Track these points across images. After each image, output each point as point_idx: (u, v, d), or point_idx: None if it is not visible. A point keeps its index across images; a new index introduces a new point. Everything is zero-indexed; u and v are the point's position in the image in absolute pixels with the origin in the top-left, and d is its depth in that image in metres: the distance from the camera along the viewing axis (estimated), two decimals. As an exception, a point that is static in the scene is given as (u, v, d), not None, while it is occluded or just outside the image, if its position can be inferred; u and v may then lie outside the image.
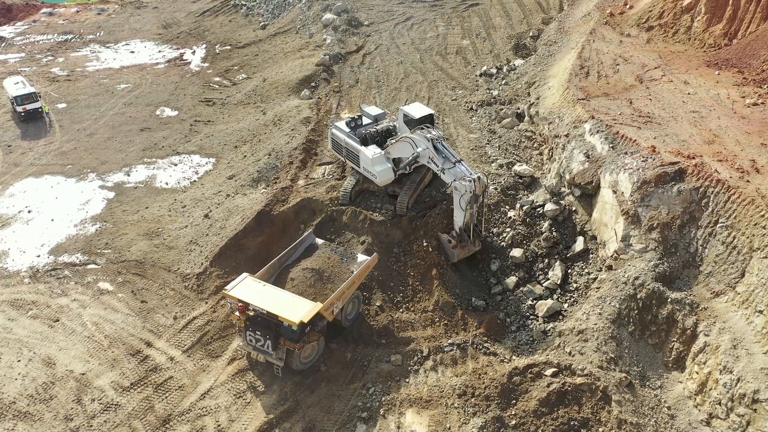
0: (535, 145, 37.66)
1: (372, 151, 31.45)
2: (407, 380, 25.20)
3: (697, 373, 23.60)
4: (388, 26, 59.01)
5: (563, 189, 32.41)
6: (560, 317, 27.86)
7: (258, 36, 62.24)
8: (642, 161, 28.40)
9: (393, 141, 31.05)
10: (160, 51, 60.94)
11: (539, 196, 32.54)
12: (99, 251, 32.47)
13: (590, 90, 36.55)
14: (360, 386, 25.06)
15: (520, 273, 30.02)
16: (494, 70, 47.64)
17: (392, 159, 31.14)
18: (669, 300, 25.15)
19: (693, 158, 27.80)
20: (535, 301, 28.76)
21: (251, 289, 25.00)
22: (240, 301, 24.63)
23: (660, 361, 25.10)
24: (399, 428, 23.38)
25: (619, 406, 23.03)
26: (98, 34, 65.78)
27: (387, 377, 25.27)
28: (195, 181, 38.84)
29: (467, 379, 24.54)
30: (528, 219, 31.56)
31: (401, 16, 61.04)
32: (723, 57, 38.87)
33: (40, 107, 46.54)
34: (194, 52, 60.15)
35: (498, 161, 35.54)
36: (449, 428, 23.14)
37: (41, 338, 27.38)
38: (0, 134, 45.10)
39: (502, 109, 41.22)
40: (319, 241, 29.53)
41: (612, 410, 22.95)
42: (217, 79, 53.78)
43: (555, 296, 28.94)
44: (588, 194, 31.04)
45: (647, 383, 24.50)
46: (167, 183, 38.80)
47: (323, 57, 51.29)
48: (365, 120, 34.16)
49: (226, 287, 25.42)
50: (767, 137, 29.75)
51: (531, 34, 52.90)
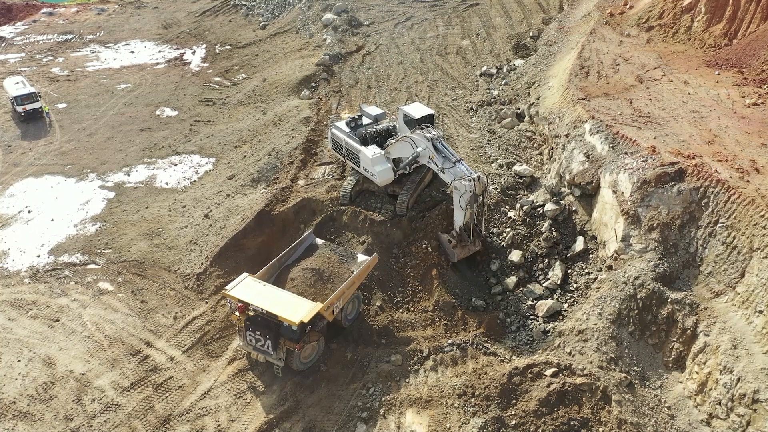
0: (535, 145, 37.66)
1: (372, 151, 31.45)
2: (407, 380, 25.20)
3: (697, 373, 23.60)
4: (388, 26, 59.01)
5: (563, 189, 32.41)
6: (560, 317, 27.87)
7: (258, 36, 62.24)
8: (642, 161, 28.40)
9: (393, 141, 31.06)
10: (160, 51, 60.94)
11: (539, 196, 32.55)
12: (99, 251, 32.48)
13: (590, 90, 36.55)
14: (360, 386, 25.05)
15: (520, 273, 30.03)
16: (494, 70, 47.64)
17: (392, 159, 31.14)
18: (669, 300, 25.16)
19: (693, 158, 27.81)
20: (535, 301, 28.77)
21: (251, 289, 25.00)
22: (240, 301, 24.63)
23: (660, 361, 25.10)
24: (399, 428, 23.38)
25: (619, 406, 23.03)
26: (98, 34, 65.78)
27: (387, 377, 25.27)
28: (195, 181, 38.84)
29: (467, 379, 24.54)
30: (528, 219, 31.57)
31: (401, 16, 61.03)
32: (723, 57, 38.87)
33: (40, 107, 46.53)
34: (194, 52, 60.15)
35: (498, 161, 35.55)
36: (449, 428, 23.14)
37: (41, 338, 27.38)
38: (0, 134, 45.11)
39: (502, 109, 41.22)
40: (319, 241, 29.53)
41: (612, 410, 22.95)
42: (217, 79, 53.77)
43: (555, 296, 28.94)
44: (588, 194, 31.05)
45: (647, 383, 24.50)
46: (167, 183, 38.80)
47: (323, 57, 51.28)
48: (365, 120, 34.16)
49: (226, 287, 25.42)
50: (767, 137, 29.77)
51: (531, 34, 52.90)
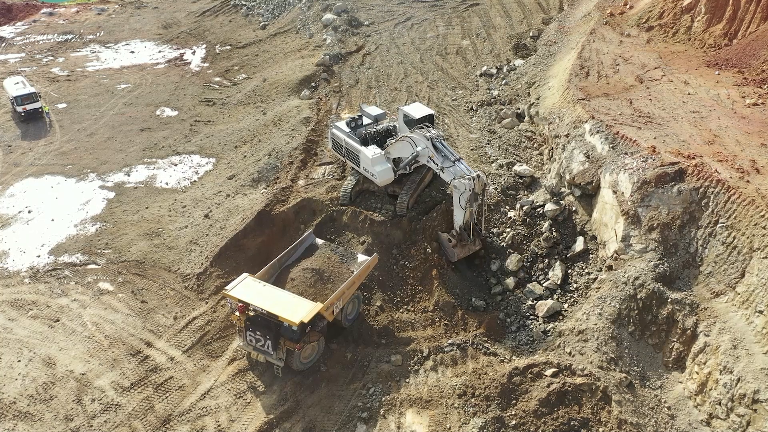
0: (535, 145, 37.66)
1: (372, 151, 31.45)
2: (407, 380, 25.20)
3: (697, 374, 23.60)
4: (388, 26, 59.00)
5: (563, 189, 32.41)
6: (560, 317, 27.88)
7: (258, 36, 62.23)
8: (642, 161, 28.40)
9: (393, 141, 31.08)
10: (160, 51, 60.94)
11: (539, 196, 32.55)
12: (99, 251, 32.48)
13: (590, 90, 36.55)
14: (360, 386, 25.06)
15: (520, 274, 29.99)
16: (494, 70, 47.64)
17: (392, 159, 31.15)
18: (669, 300, 25.16)
19: (693, 158, 27.81)
20: (535, 301, 28.78)
21: (251, 290, 25.00)
22: (240, 302, 24.64)
23: (660, 362, 25.11)
24: (399, 428, 23.38)
25: (619, 407, 23.03)
26: (98, 34, 65.78)
27: (387, 377, 25.27)
28: (195, 181, 38.84)
29: (467, 379, 24.54)
30: (528, 219, 31.57)
31: (401, 16, 61.02)
32: (723, 57, 38.87)
33: (40, 107, 46.53)
34: (194, 52, 60.15)
35: (498, 161, 35.55)
36: (449, 428, 23.15)
37: (41, 338, 27.38)
38: (0, 134, 45.10)
39: (502, 109, 41.22)
40: (320, 242, 29.53)
41: (612, 410, 22.96)
42: (217, 79, 53.77)
43: (555, 296, 28.94)
44: (588, 194, 31.05)
45: (647, 383, 24.50)
46: (167, 183, 38.81)
47: (323, 57, 51.28)
48: (365, 120, 34.16)
49: (227, 287, 25.42)
50: (767, 137, 29.77)
51: (531, 34, 52.88)
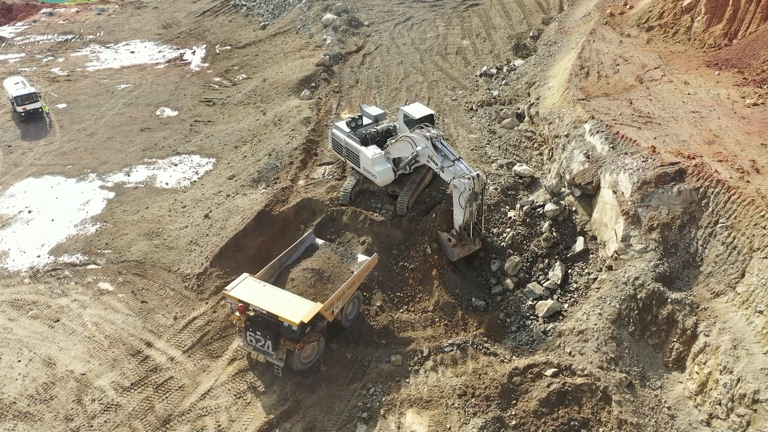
0: (535, 146, 37.67)
1: (372, 151, 31.45)
2: (407, 380, 25.20)
3: (698, 374, 23.60)
4: (388, 26, 58.99)
5: (563, 189, 32.41)
6: (560, 317, 27.87)
7: (258, 36, 62.23)
8: (642, 161, 28.40)
9: (393, 141, 31.09)
10: (160, 51, 60.94)
11: (539, 197, 32.55)
12: (99, 251, 32.48)
13: (590, 90, 36.55)
14: (360, 386, 25.06)
15: (520, 274, 29.97)
16: (494, 71, 47.64)
17: (392, 159, 31.16)
18: (669, 300, 25.16)
19: (693, 158, 27.81)
20: (535, 302, 28.77)
21: (251, 290, 25.00)
22: (240, 302, 24.64)
23: (660, 362, 25.11)
24: (399, 428, 23.38)
25: (620, 407, 23.03)
26: (98, 34, 65.78)
27: (387, 377, 25.27)
28: (195, 182, 38.84)
29: (467, 380, 24.55)
30: (528, 219, 31.57)
31: (401, 17, 61.01)
32: (723, 57, 38.87)
33: (41, 107, 46.53)
34: (194, 52, 60.15)
35: (498, 161, 35.54)
36: (449, 428, 23.15)
37: (41, 338, 27.38)
38: (0, 134, 45.11)
39: (502, 110, 41.22)
40: (320, 242, 29.53)
41: (612, 410, 22.96)
42: (217, 80, 53.77)
43: (555, 296, 28.94)
44: (588, 194, 31.05)
45: (647, 383, 24.50)
46: (167, 183, 38.81)
47: (323, 57, 51.28)
48: (365, 120, 34.16)
49: (227, 287, 25.42)
50: (767, 137, 29.77)
51: (531, 35, 52.88)
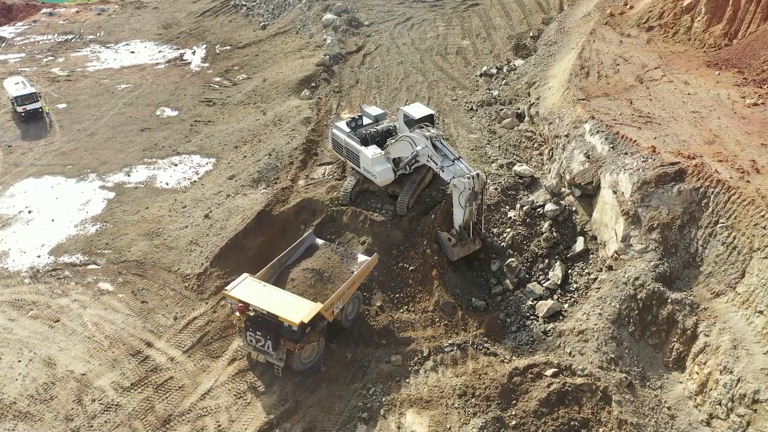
0: (536, 146, 37.67)
1: (372, 152, 31.45)
2: (407, 380, 25.20)
3: (698, 374, 23.60)
4: (389, 26, 58.98)
5: (563, 189, 32.41)
6: (560, 317, 27.87)
7: (258, 36, 62.22)
8: (642, 161, 28.40)
9: (393, 141, 31.09)
10: (161, 51, 60.93)
11: (539, 197, 32.54)
12: (99, 251, 32.48)
13: (590, 90, 36.54)
14: (360, 386, 25.06)
15: (521, 274, 29.97)
16: (494, 71, 47.63)
17: (392, 159, 31.16)
18: (669, 300, 25.16)
19: (693, 158, 27.80)
20: (536, 302, 28.76)
21: (251, 290, 25.00)
22: (240, 302, 24.64)
23: (660, 362, 25.11)
24: (399, 429, 23.39)
25: (620, 407, 23.03)
26: (98, 35, 65.76)
27: (387, 377, 25.27)
28: (195, 182, 38.84)
29: (467, 380, 24.54)
30: (528, 219, 31.56)
31: (401, 17, 61.00)
32: (723, 57, 38.87)
33: (41, 107, 46.50)
34: (194, 53, 60.13)
35: (498, 161, 35.54)
36: (449, 429, 23.14)
37: (42, 338, 27.38)
38: (0, 134, 45.09)
39: (503, 110, 41.21)
40: (320, 242, 29.53)
41: (612, 410, 22.96)
42: (218, 80, 53.75)
43: (555, 296, 28.93)
44: (588, 194, 31.05)
45: (647, 383, 24.50)
46: (167, 183, 38.80)
47: (323, 57, 51.28)
48: (366, 120, 34.15)
49: (227, 287, 25.43)
50: (767, 137, 29.76)
51: (531, 35, 52.86)
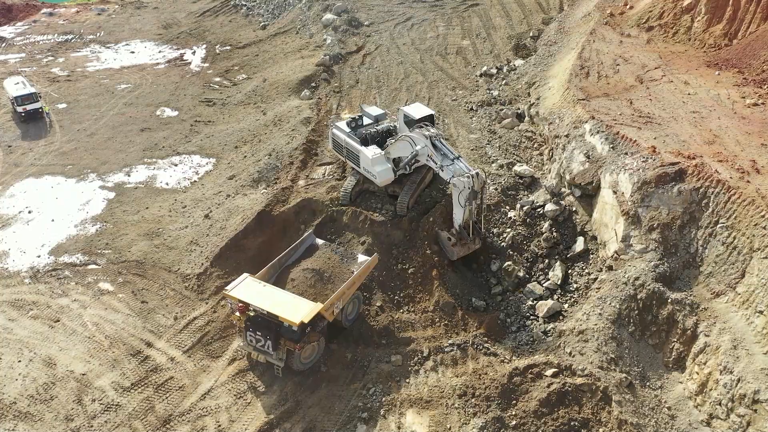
0: (536, 146, 37.67)
1: (372, 152, 31.46)
2: (408, 381, 25.21)
3: (698, 374, 23.61)
4: (389, 26, 58.98)
5: (563, 189, 32.42)
6: (560, 318, 27.87)
7: (258, 36, 62.21)
8: (642, 161, 28.40)
9: (393, 141, 31.10)
10: (161, 51, 60.93)
11: (539, 197, 32.55)
12: (99, 251, 32.48)
13: (590, 90, 36.54)
14: (360, 387, 25.07)
15: (521, 273, 29.95)
16: (494, 71, 47.63)
17: (392, 159, 31.17)
18: (669, 300, 25.17)
19: (693, 158, 27.80)
20: (536, 302, 28.77)
21: (251, 290, 25.01)
22: (240, 302, 24.65)
23: (660, 362, 25.11)
24: (399, 429, 23.39)
25: (620, 407, 23.03)
26: (98, 35, 65.76)
27: (387, 378, 25.28)
28: (195, 182, 38.84)
29: (467, 380, 24.54)
30: (528, 219, 31.56)
31: (401, 17, 61.00)
32: (723, 57, 38.87)
33: (41, 107, 46.51)
34: (194, 53, 60.13)
35: (498, 161, 35.54)
36: (449, 429, 23.15)
37: (42, 339, 27.39)
38: (0, 134, 45.10)
39: (503, 110, 41.21)
40: (320, 242, 29.54)
41: (612, 410, 22.96)
42: (218, 80, 53.75)
43: (555, 296, 28.93)
44: (588, 194, 31.05)
45: (647, 383, 24.51)
46: (167, 183, 38.81)
47: (323, 57, 51.28)
48: (366, 120, 34.16)
49: (227, 287, 25.44)
50: (767, 137, 29.77)
51: (531, 35, 52.85)
